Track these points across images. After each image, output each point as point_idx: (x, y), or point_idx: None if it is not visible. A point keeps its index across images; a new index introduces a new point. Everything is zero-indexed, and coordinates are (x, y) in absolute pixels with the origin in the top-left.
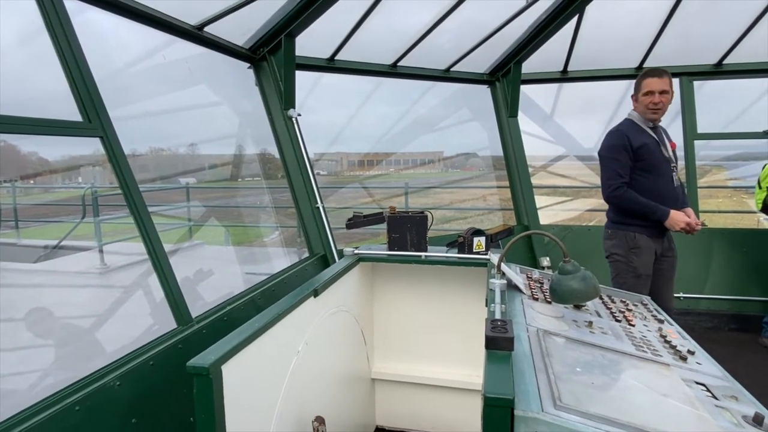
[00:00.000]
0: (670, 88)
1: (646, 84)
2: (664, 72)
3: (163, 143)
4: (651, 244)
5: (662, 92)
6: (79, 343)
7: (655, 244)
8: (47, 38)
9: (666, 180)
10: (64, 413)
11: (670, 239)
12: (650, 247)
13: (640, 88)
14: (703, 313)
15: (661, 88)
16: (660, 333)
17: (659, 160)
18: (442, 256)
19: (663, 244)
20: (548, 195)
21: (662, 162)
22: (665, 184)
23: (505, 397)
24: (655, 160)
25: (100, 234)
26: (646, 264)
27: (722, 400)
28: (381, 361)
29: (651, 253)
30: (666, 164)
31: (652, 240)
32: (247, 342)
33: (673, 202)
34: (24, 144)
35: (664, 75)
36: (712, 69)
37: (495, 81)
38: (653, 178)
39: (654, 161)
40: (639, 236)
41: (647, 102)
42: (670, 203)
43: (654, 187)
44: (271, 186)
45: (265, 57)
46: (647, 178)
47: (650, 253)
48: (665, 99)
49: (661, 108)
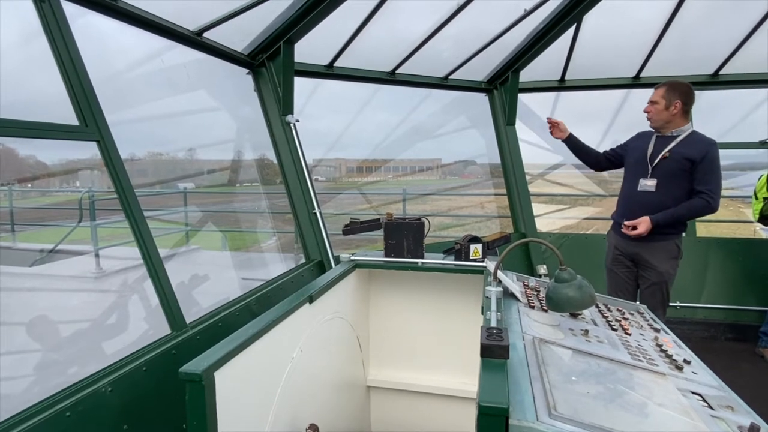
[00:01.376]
0: (661, 99)
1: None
2: (663, 84)
3: (161, 148)
4: (612, 240)
5: (651, 102)
6: (73, 347)
7: (616, 241)
8: (45, 41)
9: (632, 183)
10: (55, 419)
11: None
12: (611, 243)
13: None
14: (700, 322)
15: (651, 99)
16: (656, 342)
17: (636, 162)
18: (439, 263)
19: (628, 248)
20: (546, 203)
21: (638, 165)
22: (629, 186)
23: (500, 406)
24: (632, 161)
25: (96, 238)
26: (607, 256)
27: (718, 410)
28: (376, 368)
29: (611, 248)
30: (641, 168)
31: (615, 236)
32: (241, 348)
33: (630, 204)
34: (22, 147)
35: (659, 87)
36: (709, 79)
37: (493, 89)
38: (625, 180)
39: (631, 161)
40: (610, 231)
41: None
42: (627, 204)
43: (623, 188)
44: (268, 191)
45: (264, 63)
46: (624, 178)
47: (611, 248)
48: (652, 108)
49: (649, 117)
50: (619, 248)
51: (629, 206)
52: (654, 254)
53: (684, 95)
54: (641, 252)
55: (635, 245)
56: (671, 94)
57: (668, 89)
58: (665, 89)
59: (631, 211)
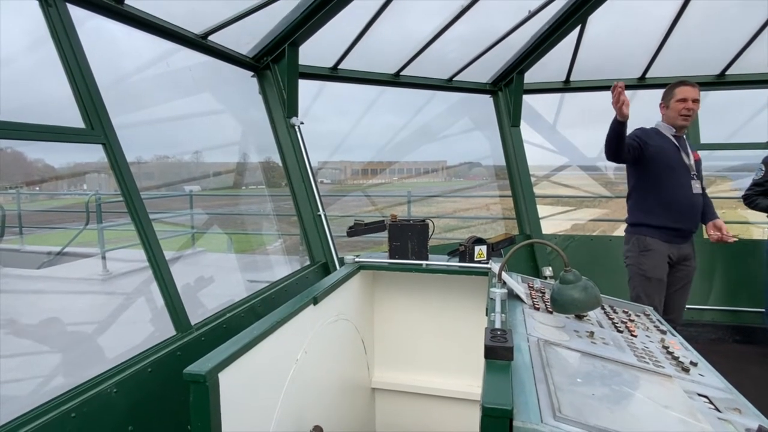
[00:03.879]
0: (700, 98)
1: (680, 92)
2: (696, 83)
3: (167, 151)
4: (663, 248)
5: (695, 101)
6: (80, 349)
7: (669, 249)
8: (52, 45)
9: (684, 187)
10: (60, 420)
11: (692, 248)
12: (661, 251)
13: (672, 95)
14: (707, 324)
15: (694, 97)
16: (662, 344)
17: (677, 165)
18: (443, 264)
19: (681, 251)
20: (551, 204)
21: (680, 167)
22: (683, 190)
23: (504, 408)
24: (673, 163)
25: (103, 241)
26: (656, 267)
27: (725, 412)
28: (381, 370)
29: (662, 257)
30: (685, 170)
31: (666, 244)
32: (245, 350)
33: (690, 209)
34: (30, 150)
35: (696, 85)
36: (715, 80)
37: (498, 90)
38: (670, 182)
39: (671, 164)
40: (650, 239)
41: (680, 108)
42: (686, 210)
43: (670, 191)
44: (273, 194)
45: (269, 66)
46: (664, 181)
47: (661, 257)
48: (697, 107)
49: (692, 115)
50: (672, 255)
51: (688, 209)
52: (693, 249)
53: None
54: (688, 252)
55: (685, 246)
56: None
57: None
58: (698, 90)
59: (690, 214)
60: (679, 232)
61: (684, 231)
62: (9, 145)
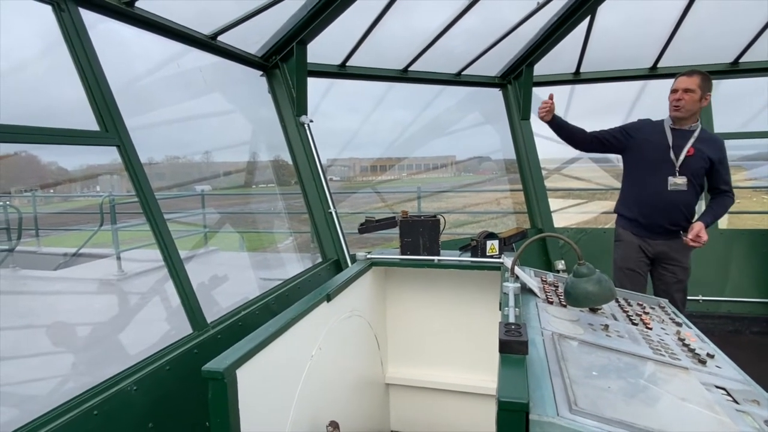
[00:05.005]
0: (698, 88)
1: (675, 83)
2: (696, 72)
3: (178, 151)
4: (633, 240)
5: (686, 90)
6: (98, 348)
7: (640, 242)
8: (66, 50)
9: (659, 183)
10: (83, 417)
11: (676, 249)
12: (632, 243)
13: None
14: (724, 316)
15: (685, 86)
16: (678, 336)
17: (658, 159)
18: (455, 260)
19: (656, 248)
20: (562, 198)
21: (661, 162)
22: (655, 186)
23: (520, 401)
24: (651, 157)
25: (117, 241)
26: (626, 258)
27: (743, 404)
28: (395, 365)
29: (633, 249)
30: (666, 165)
31: (636, 237)
32: (262, 346)
33: (664, 205)
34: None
35: (693, 74)
36: (729, 68)
37: (507, 84)
38: (644, 176)
39: (649, 158)
40: (621, 230)
41: (670, 98)
42: (658, 205)
43: (642, 185)
44: (284, 192)
45: (278, 65)
46: (639, 174)
47: (632, 249)
48: (686, 97)
49: (681, 106)
50: (645, 249)
51: (658, 205)
52: (680, 250)
53: (711, 89)
54: (668, 250)
55: (663, 243)
56: (706, 84)
57: (704, 79)
58: (701, 78)
59: (661, 210)
60: (649, 227)
61: (653, 227)
62: (23, 149)
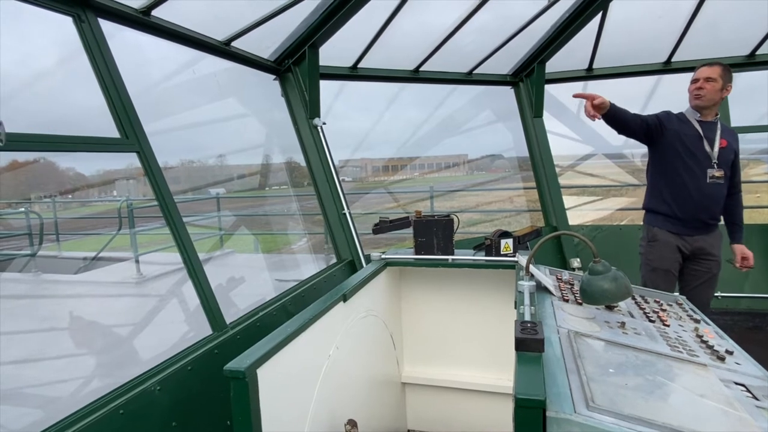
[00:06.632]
0: (719, 77)
1: (696, 72)
2: (718, 63)
3: (193, 155)
4: (670, 239)
5: (707, 79)
6: (119, 350)
7: (678, 241)
8: (86, 59)
9: (698, 176)
10: (110, 417)
11: (714, 241)
12: (669, 242)
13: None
14: (743, 312)
15: (707, 75)
16: (696, 333)
17: (694, 151)
18: (470, 259)
19: (695, 243)
20: (577, 195)
21: (698, 154)
22: (695, 180)
23: (537, 398)
24: (688, 150)
25: (136, 245)
26: (662, 258)
27: (763, 400)
28: (411, 365)
29: (670, 249)
30: (704, 158)
31: (674, 235)
32: (281, 346)
33: (703, 199)
34: (61, 160)
35: (714, 65)
36: (745, 60)
37: (518, 82)
38: (682, 170)
39: (686, 150)
40: (657, 230)
41: (691, 88)
42: (698, 199)
43: (681, 179)
44: (298, 194)
45: (290, 68)
46: (676, 168)
47: (668, 249)
48: (708, 86)
49: (702, 95)
50: (682, 247)
51: (698, 199)
52: (715, 245)
53: (732, 81)
54: (706, 245)
55: (701, 239)
56: (727, 75)
57: (725, 70)
58: (723, 69)
59: (700, 204)
60: (688, 222)
61: (694, 222)
62: (42, 156)
